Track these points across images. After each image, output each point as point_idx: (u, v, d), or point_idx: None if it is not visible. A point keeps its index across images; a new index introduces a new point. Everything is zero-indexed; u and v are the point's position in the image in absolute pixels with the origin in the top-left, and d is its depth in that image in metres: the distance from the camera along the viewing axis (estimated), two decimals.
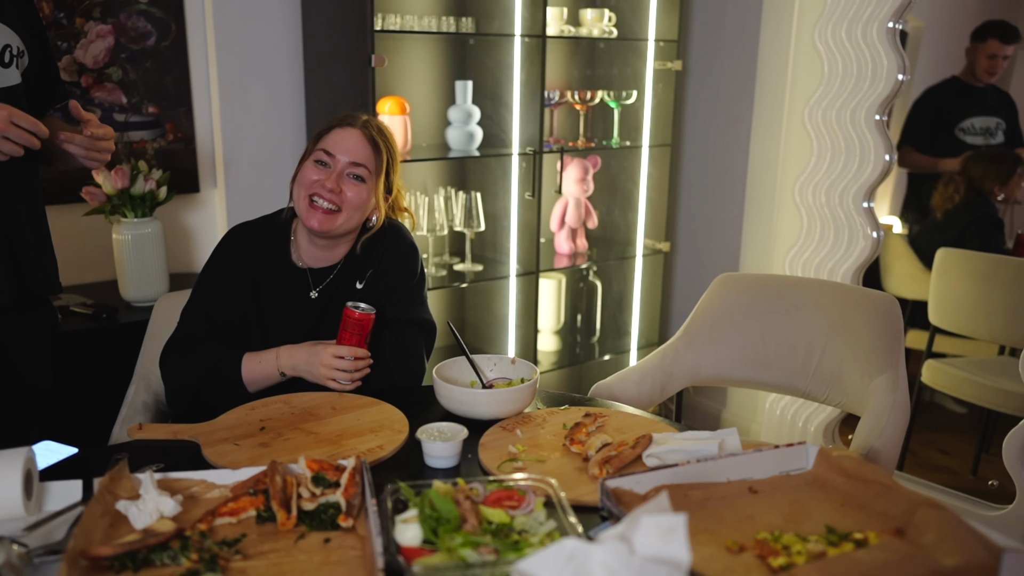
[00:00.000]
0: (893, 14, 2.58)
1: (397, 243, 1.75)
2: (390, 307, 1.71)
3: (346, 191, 1.62)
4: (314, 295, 1.70)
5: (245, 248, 1.71)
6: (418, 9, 2.77)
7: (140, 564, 0.98)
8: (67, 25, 2.39)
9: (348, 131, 1.65)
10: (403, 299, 1.72)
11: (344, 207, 1.62)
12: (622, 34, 3.04)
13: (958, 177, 3.43)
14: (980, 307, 2.88)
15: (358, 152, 1.63)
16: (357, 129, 1.65)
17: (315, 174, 1.63)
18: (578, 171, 3.02)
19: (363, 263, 1.72)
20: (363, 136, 1.64)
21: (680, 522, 0.84)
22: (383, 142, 1.67)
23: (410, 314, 1.72)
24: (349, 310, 1.58)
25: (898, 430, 1.62)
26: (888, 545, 1.01)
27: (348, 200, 1.62)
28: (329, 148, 1.63)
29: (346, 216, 1.63)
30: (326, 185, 1.61)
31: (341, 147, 1.63)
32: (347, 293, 1.70)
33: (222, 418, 1.46)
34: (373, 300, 1.69)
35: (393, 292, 1.72)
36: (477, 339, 3.07)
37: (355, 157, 1.63)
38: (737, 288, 2.03)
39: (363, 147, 1.64)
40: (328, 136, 1.65)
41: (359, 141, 1.64)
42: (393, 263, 1.73)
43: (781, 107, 2.97)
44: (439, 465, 1.30)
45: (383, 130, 1.70)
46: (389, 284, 1.72)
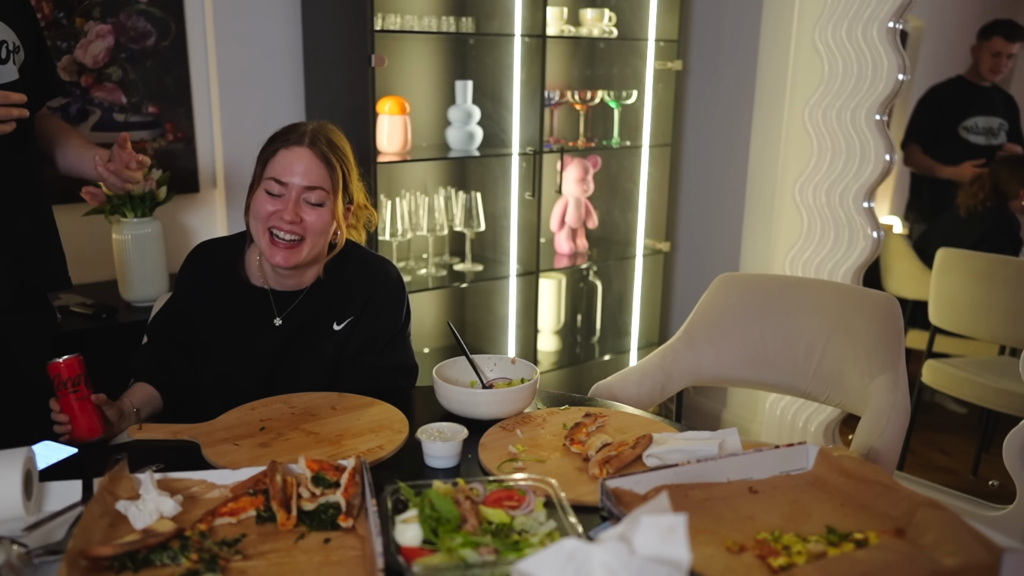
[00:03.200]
0: (893, 14, 2.58)
1: (384, 288, 1.66)
2: (374, 357, 1.64)
3: (306, 218, 1.51)
4: (278, 322, 1.61)
5: (208, 269, 1.65)
6: (418, 9, 2.77)
7: (140, 564, 0.98)
8: (67, 25, 2.39)
9: (296, 152, 1.50)
10: (385, 349, 1.66)
11: (307, 235, 1.52)
12: (622, 34, 3.04)
13: (986, 177, 3.43)
14: (980, 307, 2.88)
15: (311, 175, 1.50)
16: (305, 148, 1.50)
17: (270, 205, 1.51)
18: (578, 171, 3.01)
19: (341, 300, 1.63)
20: (314, 155, 1.50)
21: (680, 522, 0.83)
22: (336, 156, 1.53)
23: (392, 361, 1.66)
24: (52, 365, 1.41)
25: (898, 430, 1.62)
26: (888, 545, 1.01)
27: (309, 226, 1.51)
28: (279, 176, 1.50)
29: (310, 244, 1.53)
30: (284, 217, 1.49)
31: (291, 172, 1.49)
32: (322, 332, 1.62)
33: (222, 418, 1.46)
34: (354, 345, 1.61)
35: (378, 339, 1.65)
36: (477, 339, 3.07)
37: (309, 181, 1.50)
38: (737, 288, 2.03)
39: (316, 168, 1.50)
40: (275, 160, 1.51)
41: (310, 162, 1.50)
42: (378, 307, 1.64)
43: (781, 107, 2.97)
44: (439, 465, 1.30)
45: (333, 139, 1.56)
46: (375, 333, 1.64)
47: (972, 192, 3.43)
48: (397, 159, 2.59)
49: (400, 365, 1.68)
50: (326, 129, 1.57)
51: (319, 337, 1.63)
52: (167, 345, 1.64)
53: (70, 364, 1.40)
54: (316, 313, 1.63)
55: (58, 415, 1.41)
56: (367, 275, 1.66)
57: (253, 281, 1.64)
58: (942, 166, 3.79)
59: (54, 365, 1.40)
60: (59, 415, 1.40)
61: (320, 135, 1.54)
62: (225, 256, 1.65)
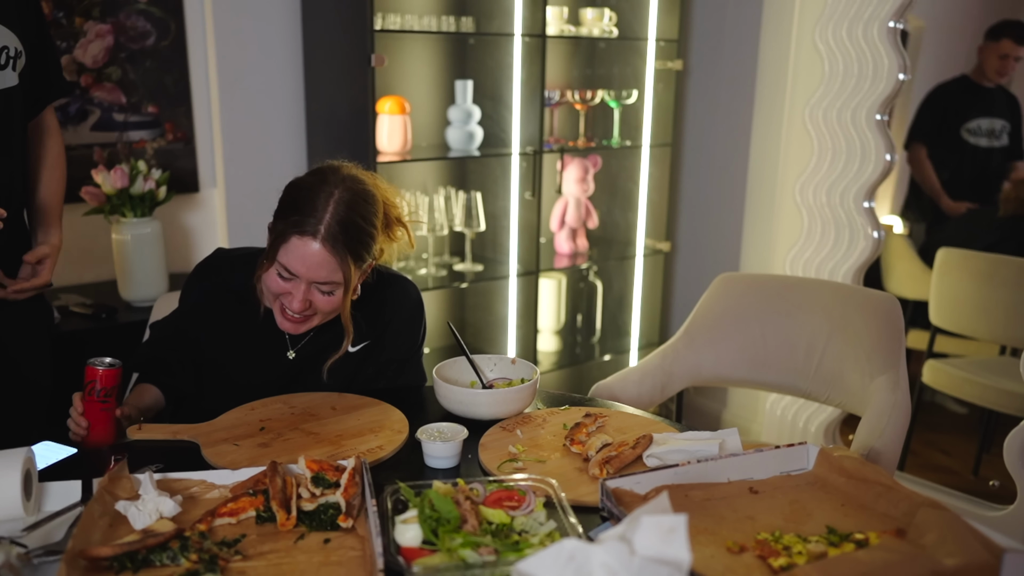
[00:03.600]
0: (894, 14, 2.58)
1: (403, 309, 1.63)
2: (391, 377, 1.64)
3: (316, 302, 1.44)
4: (291, 355, 1.58)
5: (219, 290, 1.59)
6: (418, 9, 2.77)
7: (139, 564, 0.98)
8: (67, 25, 2.39)
9: (308, 244, 1.39)
10: (405, 370, 1.66)
11: (318, 313, 1.47)
12: (622, 34, 3.04)
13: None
14: (981, 307, 2.88)
15: (318, 272, 1.40)
16: (318, 243, 1.38)
17: (280, 286, 1.44)
18: (578, 171, 3.01)
19: (356, 326, 1.56)
20: (325, 251, 1.39)
21: (680, 522, 0.83)
22: (350, 246, 1.41)
23: (408, 380, 1.67)
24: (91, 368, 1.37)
25: (899, 430, 1.62)
26: (889, 545, 1.01)
27: (320, 307, 1.45)
28: (289, 266, 1.40)
29: (321, 318, 1.49)
30: (293, 305, 1.43)
31: (301, 265, 1.40)
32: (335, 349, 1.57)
33: (222, 418, 1.45)
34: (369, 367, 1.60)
35: (396, 363, 1.64)
36: (477, 339, 3.07)
37: (315, 277, 1.41)
38: (738, 288, 2.03)
39: (326, 265, 1.40)
40: (286, 247, 1.40)
41: (321, 258, 1.39)
42: (395, 337, 1.62)
43: (781, 107, 2.97)
44: (439, 465, 1.30)
45: (354, 221, 1.42)
46: (392, 356, 1.63)
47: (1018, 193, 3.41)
48: (397, 159, 2.59)
49: (413, 384, 1.68)
50: (346, 206, 1.42)
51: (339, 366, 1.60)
52: (170, 351, 1.62)
53: (108, 375, 1.36)
54: (331, 341, 1.58)
55: (79, 418, 1.37)
56: (386, 299, 1.62)
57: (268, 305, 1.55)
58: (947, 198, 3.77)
59: (92, 370, 1.35)
60: (80, 418, 1.37)
61: (337, 220, 1.40)
62: (241, 277, 1.56)
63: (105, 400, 1.36)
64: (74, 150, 2.47)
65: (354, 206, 1.43)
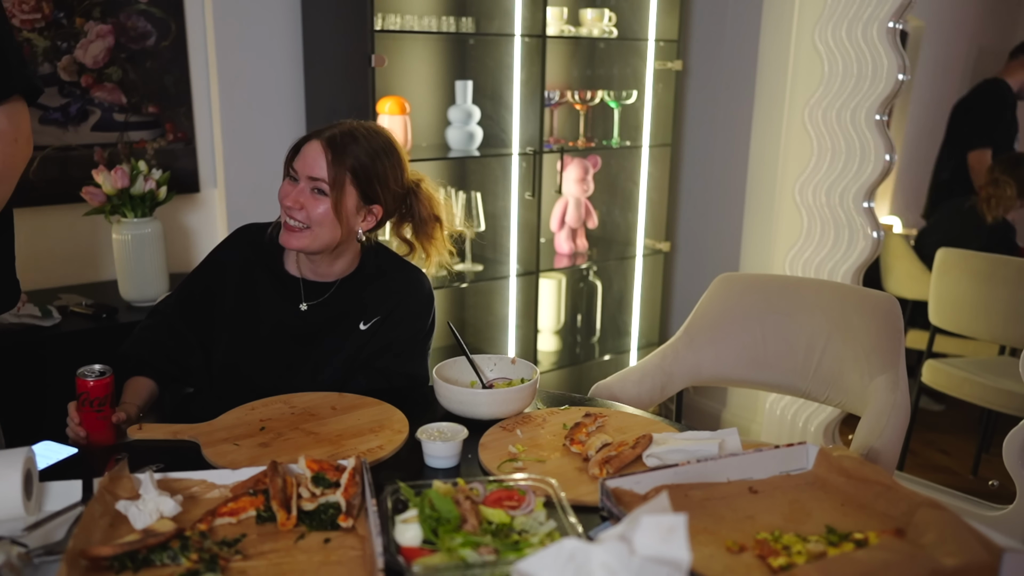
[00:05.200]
0: (893, 14, 2.58)
1: (414, 296, 1.69)
2: (391, 357, 1.67)
3: (308, 206, 1.56)
4: (304, 307, 1.67)
5: (247, 247, 1.71)
6: (418, 9, 2.77)
7: (140, 564, 0.98)
8: (67, 25, 2.39)
9: (312, 144, 1.58)
10: (404, 351, 1.68)
11: (312, 224, 1.56)
12: (622, 34, 3.04)
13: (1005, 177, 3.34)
14: (980, 307, 2.88)
15: (314, 167, 1.56)
16: (319, 142, 1.57)
17: (285, 189, 1.59)
18: (578, 171, 3.01)
19: (371, 301, 1.67)
20: (322, 148, 1.56)
21: (680, 522, 0.83)
22: (349, 151, 1.57)
23: (407, 367, 1.69)
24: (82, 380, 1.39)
25: (898, 430, 1.62)
26: (888, 545, 1.01)
27: (313, 216, 1.56)
28: (294, 163, 1.59)
29: (314, 233, 1.57)
30: (289, 203, 1.57)
31: (302, 161, 1.57)
32: (347, 328, 1.65)
33: (222, 418, 1.46)
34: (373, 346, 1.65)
35: (398, 342, 1.68)
36: (477, 339, 3.07)
37: (311, 172, 1.56)
38: (737, 288, 2.03)
39: (319, 161, 1.55)
40: (299, 150, 1.60)
41: (316, 155, 1.56)
42: (405, 317, 1.68)
43: (781, 107, 2.97)
44: (439, 465, 1.30)
45: (360, 138, 1.59)
46: (397, 336, 1.67)
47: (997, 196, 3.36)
48: None
49: (412, 373, 1.69)
50: (352, 126, 1.61)
51: (343, 333, 1.65)
52: (173, 330, 1.66)
53: (99, 385, 1.37)
54: (344, 308, 1.66)
55: (76, 427, 1.40)
56: (401, 281, 1.70)
57: (289, 269, 1.70)
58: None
59: (83, 382, 1.37)
60: (77, 427, 1.40)
61: (345, 129, 1.59)
62: (269, 240, 1.69)
63: (100, 409, 1.38)
64: (74, 150, 2.47)
65: (360, 129, 1.61)
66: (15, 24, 2.33)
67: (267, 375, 1.62)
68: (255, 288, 1.67)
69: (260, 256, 1.70)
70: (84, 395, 1.37)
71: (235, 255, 1.70)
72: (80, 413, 1.39)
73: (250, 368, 1.64)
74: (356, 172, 1.57)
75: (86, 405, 1.37)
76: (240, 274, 1.68)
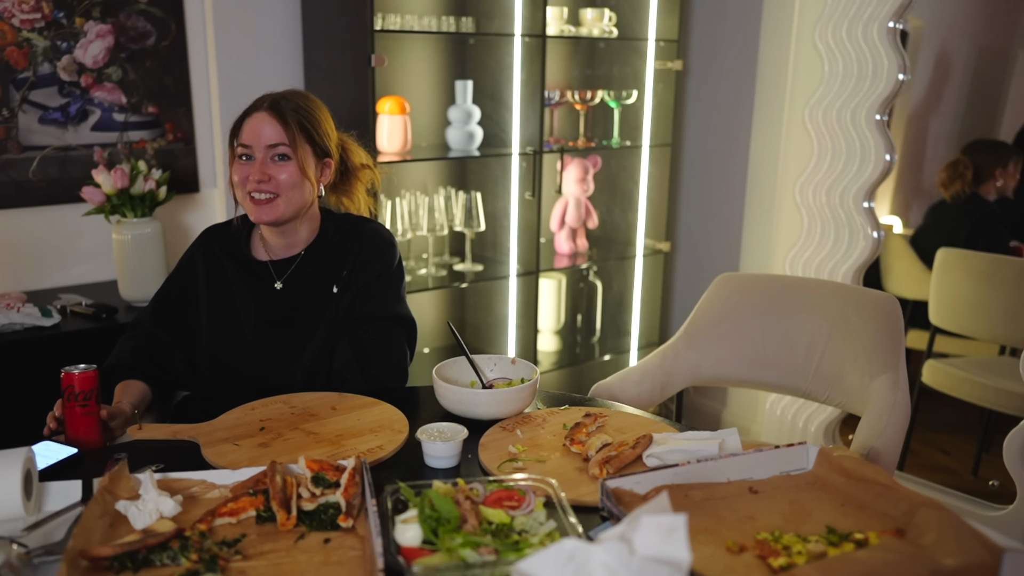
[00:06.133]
0: (893, 14, 2.58)
1: (373, 240, 1.73)
2: (364, 302, 1.69)
3: (274, 175, 1.59)
4: (279, 286, 1.69)
5: (212, 244, 1.73)
6: (418, 9, 2.77)
7: (140, 564, 0.98)
8: (67, 25, 2.39)
9: (254, 117, 1.61)
10: (378, 293, 1.69)
11: (281, 191, 1.60)
12: (622, 34, 3.04)
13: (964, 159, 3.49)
14: (981, 307, 2.88)
15: (270, 134, 1.59)
16: (262, 112, 1.61)
17: (243, 171, 1.61)
18: (578, 171, 3.01)
19: (335, 259, 1.70)
20: (269, 115, 1.60)
21: (680, 522, 0.83)
22: (293, 112, 1.62)
23: (386, 310, 1.69)
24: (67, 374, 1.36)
25: (899, 430, 1.62)
26: (888, 545, 1.01)
27: (281, 183, 1.60)
28: (244, 141, 1.61)
29: (286, 199, 1.61)
30: (254, 178, 1.59)
31: (252, 135, 1.60)
32: (322, 296, 1.68)
33: (222, 418, 1.46)
34: (348, 297, 1.68)
35: (368, 286, 1.69)
36: (477, 339, 3.07)
37: (268, 140, 1.59)
38: (737, 288, 2.03)
39: (272, 126, 1.60)
40: (241, 130, 1.63)
41: (266, 122, 1.60)
42: (367, 259, 1.71)
43: (781, 107, 2.97)
44: (439, 465, 1.30)
45: (293, 99, 1.64)
46: (364, 280, 1.70)
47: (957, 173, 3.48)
48: (397, 159, 2.59)
49: (395, 314, 1.70)
50: (289, 92, 1.66)
51: (320, 302, 1.68)
52: (153, 337, 1.68)
53: (85, 378, 1.35)
54: (315, 277, 1.69)
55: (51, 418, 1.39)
56: (357, 233, 1.74)
57: (256, 255, 1.72)
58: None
59: (68, 376, 1.35)
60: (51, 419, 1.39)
61: (278, 96, 1.63)
62: (232, 234, 1.74)
63: (85, 404, 1.36)
64: (74, 150, 2.47)
65: (291, 93, 1.67)
66: (15, 24, 2.33)
67: (255, 364, 1.65)
68: (227, 281, 1.70)
69: (226, 250, 1.72)
70: (69, 389, 1.35)
71: (202, 255, 1.73)
72: (66, 410, 1.36)
73: (237, 360, 1.65)
74: (304, 128, 1.62)
75: (72, 401, 1.35)
76: (210, 272, 1.71)
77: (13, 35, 2.33)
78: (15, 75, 2.35)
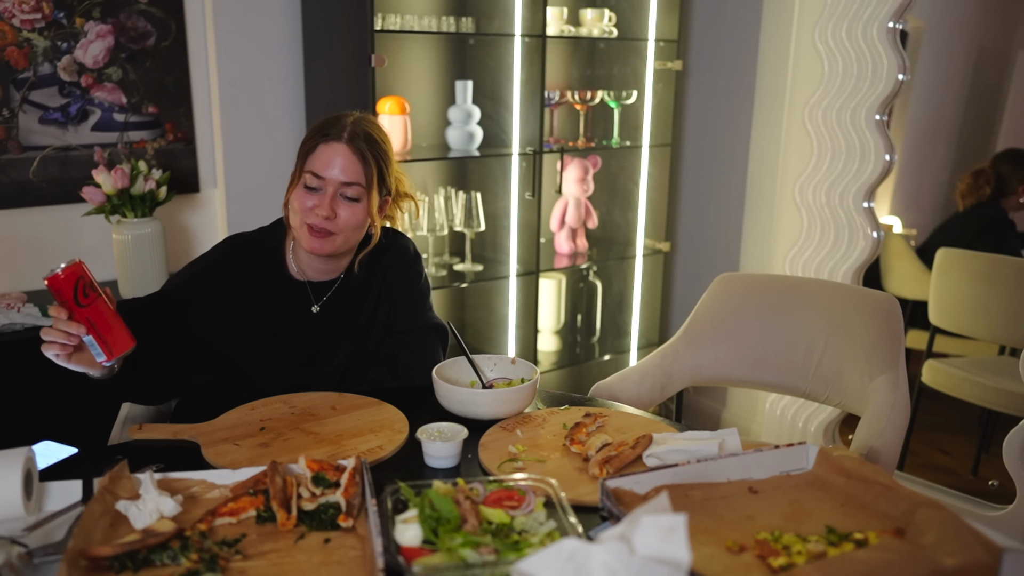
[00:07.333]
0: (893, 14, 2.58)
1: (402, 256, 1.72)
2: (399, 317, 1.69)
3: (341, 213, 1.54)
4: (316, 309, 1.65)
5: (242, 256, 1.64)
6: (418, 9, 2.77)
7: (140, 564, 0.98)
8: (67, 25, 2.39)
9: (334, 147, 1.53)
10: (411, 305, 1.70)
11: (343, 230, 1.55)
12: (622, 34, 3.04)
13: (988, 171, 3.46)
14: (980, 307, 2.88)
15: (348, 171, 1.53)
16: (344, 144, 1.53)
17: (308, 200, 1.54)
18: (578, 171, 3.01)
19: (367, 281, 1.68)
20: (351, 151, 1.53)
21: (680, 522, 0.83)
22: (373, 151, 1.56)
23: (421, 320, 1.71)
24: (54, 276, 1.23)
25: (898, 430, 1.62)
26: (888, 545, 1.01)
27: (344, 222, 1.54)
28: (317, 170, 1.53)
29: (344, 238, 1.57)
30: (320, 213, 1.52)
31: (329, 167, 1.52)
32: (354, 315, 1.66)
33: (222, 418, 1.46)
34: (382, 318, 1.67)
35: (399, 301, 1.69)
36: (477, 339, 3.07)
37: (346, 177, 1.53)
38: (737, 288, 2.03)
39: (352, 164, 1.53)
40: (314, 155, 1.54)
41: (347, 158, 1.53)
42: (397, 275, 1.70)
43: (781, 107, 2.97)
44: (439, 465, 1.30)
45: (372, 133, 1.58)
46: (396, 296, 1.69)
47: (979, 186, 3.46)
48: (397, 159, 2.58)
49: (430, 324, 1.71)
50: (365, 122, 1.59)
51: (353, 324, 1.67)
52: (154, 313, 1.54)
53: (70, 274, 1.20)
54: (351, 300, 1.67)
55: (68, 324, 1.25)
56: (386, 251, 1.72)
57: (292, 274, 1.67)
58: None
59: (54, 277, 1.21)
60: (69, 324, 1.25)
61: (359, 129, 1.56)
62: (268, 247, 1.66)
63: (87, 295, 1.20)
64: (74, 150, 2.47)
65: (371, 124, 1.60)
66: (15, 24, 2.33)
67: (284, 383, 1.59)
68: (257, 295, 1.62)
69: (258, 263, 1.64)
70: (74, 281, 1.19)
71: (231, 264, 1.63)
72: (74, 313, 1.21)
73: (259, 373, 1.59)
74: (380, 169, 1.58)
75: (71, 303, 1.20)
76: (239, 283, 1.61)
77: (13, 35, 2.33)
78: (15, 75, 2.35)
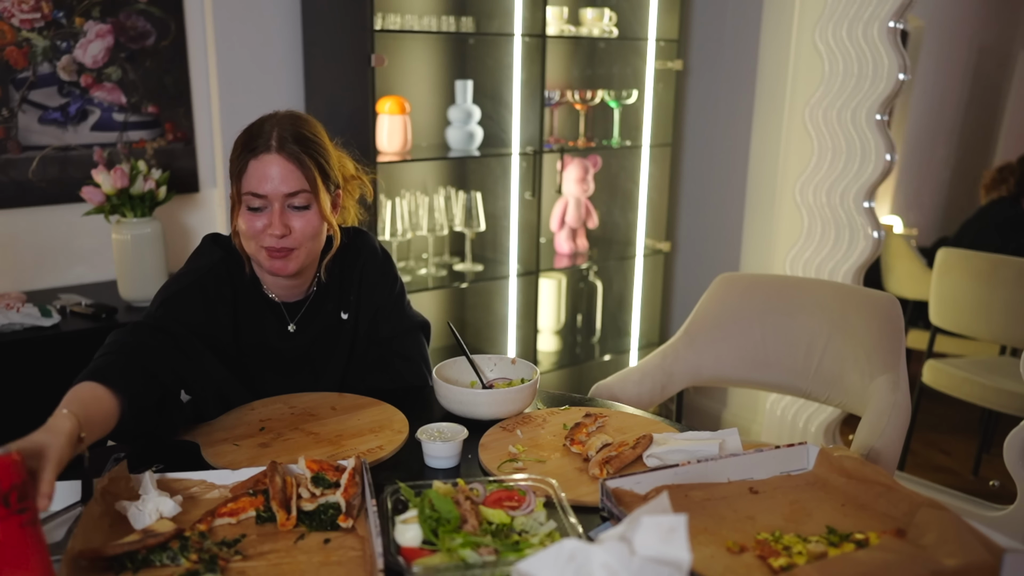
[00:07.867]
0: (894, 14, 2.58)
1: (372, 259, 1.63)
2: (385, 323, 1.64)
3: (295, 225, 1.42)
4: (292, 328, 1.57)
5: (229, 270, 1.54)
6: (418, 9, 2.77)
7: (140, 564, 0.98)
8: (66, 24, 2.39)
9: (265, 160, 1.40)
10: (392, 312, 1.65)
11: (301, 243, 1.44)
12: (622, 34, 3.04)
13: (1014, 165, 3.47)
14: (981, 307, 2.88)
15: (288, 180, 1.40)
16: (274, 154, 1.40)
17: (256, 222, 1.42)
18: (578, 171, 3.01)
19: (344, 291, 1.61)
20: (284, 159, 1.40)
21: (681, 522, 0.83)
22: (306, 151, 1.42)
23: (406, 323, 1.67)
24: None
25: (899, 430, 1.62)
26: (889, 545, 1.01)
27: (301, 233, 1.43)
28: (255, 189, 1.40)
29: (306, 250, 1.46)
30: (274, 232, 1.41)
31: (266, 182, 1.39)
32: (333, 325, 1.60)
33: (222, 418, 1.45)
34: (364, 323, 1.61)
35: (381, 311, 1.64)
36: (477, 339, 3.07)
37: (288, 187, 1.40)
38: (737, 288, 2.03)
39: (290, 172, 1.40)
40: (247, 174, 1.41)
41: (283, 167, 1.40)
42: (373, 281, 1.62)
43: (781, 107, 2.97)
44: (439, 465, 1.30)
45: (301, 131, 1.44)
46: (376, 303, 1.63)
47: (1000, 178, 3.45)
48: (397, 159, 2.59)
49: (413, 324, 1.67)
50: (288, 121, 1.45)
51: (332, 333, 1.62)
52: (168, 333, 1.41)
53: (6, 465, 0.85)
54: (324, 312, 1.61)
55: None
56: (354, 252, 1.62)
57: (268, 294, 1.57)
58: None
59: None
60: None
61: (286, 132, 1.42)
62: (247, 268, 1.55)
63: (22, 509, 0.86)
64: (74, 150, 2.47)
65: (297, 121, 1.46)
66: (15, 24, 2.33)
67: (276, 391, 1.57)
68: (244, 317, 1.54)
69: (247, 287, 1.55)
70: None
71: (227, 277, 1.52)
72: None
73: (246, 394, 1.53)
74: (320, 166, 1.45)
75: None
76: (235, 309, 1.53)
77: (13, 35, 2.33)
78: (15, 75, 2.35)
